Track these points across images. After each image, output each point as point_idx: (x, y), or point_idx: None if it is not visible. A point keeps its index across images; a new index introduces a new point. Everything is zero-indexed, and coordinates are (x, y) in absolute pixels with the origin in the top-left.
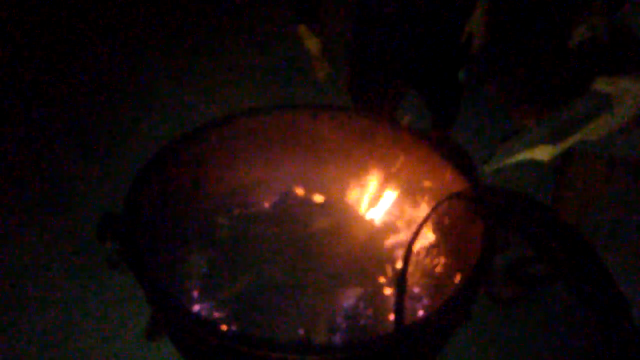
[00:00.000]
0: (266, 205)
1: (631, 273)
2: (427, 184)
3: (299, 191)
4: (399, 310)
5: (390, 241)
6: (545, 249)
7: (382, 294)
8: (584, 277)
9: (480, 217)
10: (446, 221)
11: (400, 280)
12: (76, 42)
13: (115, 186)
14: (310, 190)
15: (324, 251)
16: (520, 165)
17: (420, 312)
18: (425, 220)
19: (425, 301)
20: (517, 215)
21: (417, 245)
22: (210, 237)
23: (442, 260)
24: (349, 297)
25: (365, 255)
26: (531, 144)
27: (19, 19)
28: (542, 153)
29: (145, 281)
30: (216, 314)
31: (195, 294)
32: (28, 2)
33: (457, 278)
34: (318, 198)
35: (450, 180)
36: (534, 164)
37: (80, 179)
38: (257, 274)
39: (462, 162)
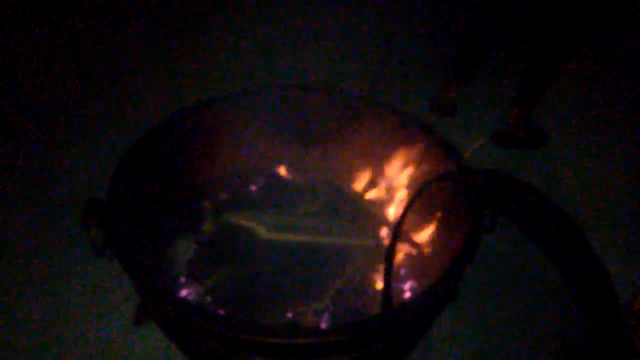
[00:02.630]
0: (252, 188)
1: (615, 251)
2: (414, 165)
3: (286, 174)
4: (386, 292)
5: (377, 221)
6: (530, 227)
7: (370, 275)
8: (568, 254)
9: (467, 197)
10: (433, 202)
11: (387, 262)
12: (62, 24)
13: (99, 171)
14: (297, 173)
15: (311, 233)
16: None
17: (407, 294)
18: (411, 202)
19: (411, 282)
20: (502, 195)
21: (403, 226)
22: (196, 223)
23: (428, 241)
24: (336, 280)
25: (352, 235)
26: None
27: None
28: None
29: (131, 268)
30: (203, 299)
31: (182, 279)
32: None
33: (443, 259)
34: (305, 180)
35: (437, 161)
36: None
37: (64, 164)
38: (244, 260)
39: (448, 145)
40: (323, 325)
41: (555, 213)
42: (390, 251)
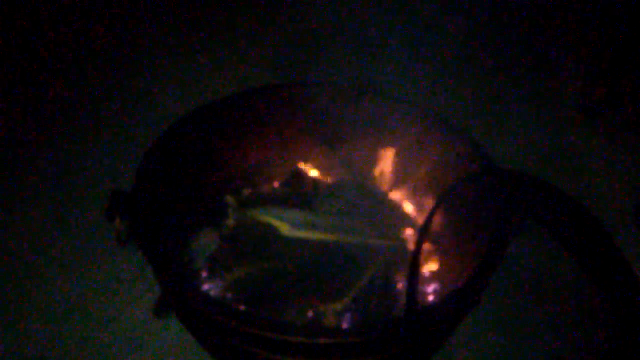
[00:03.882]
0: (275, 185)
1: None
2: (441, 166)
3: (310, 171)
4: (410, 294)
5: (401, 221)
6: (557, 229)
7: (393, 276)
8: (599, 261)
9: (494, 199)
10: (458, 203)
11: (412, 264)
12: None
13: (123, 162)
14: (321, 171)
15: (334, 232)
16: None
17: (430, 297)
18: (438, 204)
19: (435, 285)
20: (531, 198)
21: (430, 228)
22: (219, 217)
23: (453, 243)
24: (358, 280)
25: (376, 235)
26: None
27: None
28: None
29: (154, 259)
30: (224, 295)
31: (203, 273)
32: None
33: (467, 261)
34: (329, 178)
35: (465, 162)
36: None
37: (88, 153)
38: (266, 256)
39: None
40: (344, 326)
41: (582, 214)
42: (416, 253)
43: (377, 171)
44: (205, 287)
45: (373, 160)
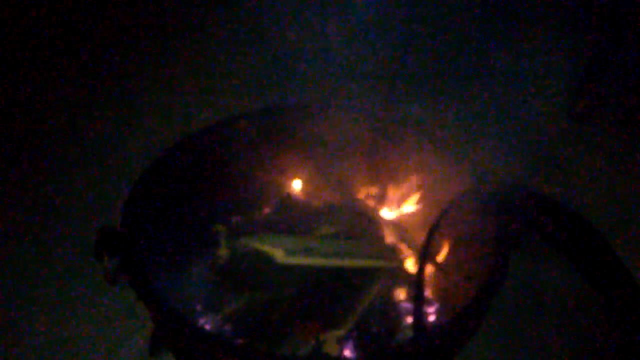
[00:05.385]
0: (267, 211)
1: None
2: (436, 182)
3: (300, 195)
4: (417, 316)
5: (398, 241)
6: (560, 245)
7: (393, 299)
8: (600, 271)
9: (491, 215)
10: (457, 219)
11: (417, 286)
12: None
13: (110, 198)
14: (312, 194)
15: (330, 256)
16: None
17: (432, 317)
18: (438, 221)
19: (437, 305)
20: (531, 212)
21: (431, 248)
22: (211, 248)
23: (453, 261)
24: (358, 305)
25: (372, 257)
26: None
27: None
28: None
29: (145, 296)
30: (222, 329)
31: (198, 307)
32: None
33: (472, 279)
34: (321, 201)
35: (457, 179)
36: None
37: (73, 189)
38: (262, 285)
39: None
40: (347, 353)
41: (581, 224)
42: (420, 274)
43: (369, 192)
44: (201, 321)
45: (365, 181)
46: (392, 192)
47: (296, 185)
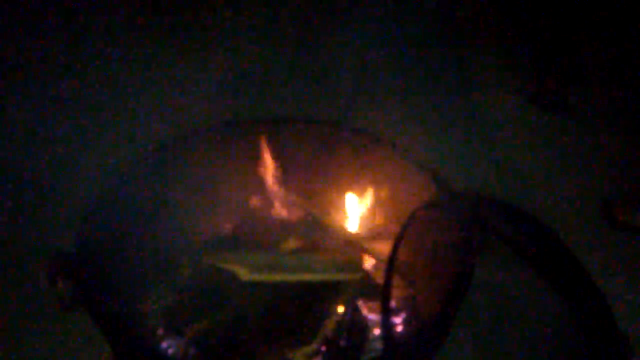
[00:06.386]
0: (228, 227)
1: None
2: (397, 192)
3: (263, 210)
4: (386, 327)
5: (362, 253)
6: (523, 252)
7: (360, 311)
8: (564, 279)
9: (457, 223)
10: (422, 229)
11: (384, 296)
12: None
13: (65, 221)
14: (274, 209)
15: (295, 271)
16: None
17: (400, 328)
18: (402, 233)
19: (405, 314)
20: (494, 220)
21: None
22: (172, 268)
23: (418, 271)
24: (326, 319)
25: (338, 270)
26: None
27: None
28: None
29: (104, 323)
30: (186, 352)
31: (160, 331)
32: None
33: (435, 287)
34: (284, 216)
35: (421, 188)
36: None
37: (27, 213)
38: (227, 304)
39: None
40: None
41: (538, 228)
42: (387, 285)
43: (332, 204)
44: (164, 345)
45: (327, 194)
46: (355, 204)
47: (258, 200)
